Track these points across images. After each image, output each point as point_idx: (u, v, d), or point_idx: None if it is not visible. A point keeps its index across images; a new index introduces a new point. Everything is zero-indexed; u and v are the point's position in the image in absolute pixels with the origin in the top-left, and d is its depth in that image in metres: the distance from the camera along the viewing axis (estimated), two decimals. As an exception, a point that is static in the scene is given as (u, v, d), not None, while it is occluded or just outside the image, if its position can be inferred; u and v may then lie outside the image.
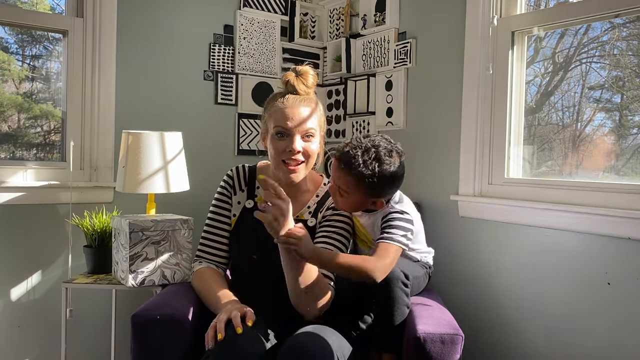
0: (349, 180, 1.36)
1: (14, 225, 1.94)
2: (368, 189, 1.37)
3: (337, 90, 2.55)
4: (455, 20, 1.97)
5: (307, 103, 1.44)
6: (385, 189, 1.40)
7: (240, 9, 2.40)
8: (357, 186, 1.36)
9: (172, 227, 1.68)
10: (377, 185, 1.36)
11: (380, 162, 1.35)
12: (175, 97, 2.25)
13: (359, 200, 1.41)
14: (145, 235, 1.62)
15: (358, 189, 1.37)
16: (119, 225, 1.68)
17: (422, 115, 2.14)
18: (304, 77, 1.46)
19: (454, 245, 1.99)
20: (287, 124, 1.40)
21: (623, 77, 1.67)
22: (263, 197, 1.32)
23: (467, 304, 1.92)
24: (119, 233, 1.68)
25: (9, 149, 2.08)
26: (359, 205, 1.44)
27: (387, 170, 1.36)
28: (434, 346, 1.27)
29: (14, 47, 2.13)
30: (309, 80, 1.47)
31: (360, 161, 1.34)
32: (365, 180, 1.34)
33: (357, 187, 1.37)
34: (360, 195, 1.39)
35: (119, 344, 2.02)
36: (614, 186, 1.55)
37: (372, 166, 1.34)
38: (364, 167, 1.34)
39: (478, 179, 1.91)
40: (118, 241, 1.70)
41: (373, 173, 1.34)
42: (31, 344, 1.99)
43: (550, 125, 1.90)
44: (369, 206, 1.45)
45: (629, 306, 1.47)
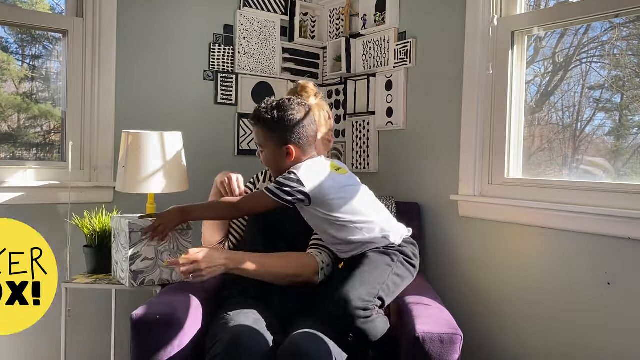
0: (258, 132, 1.47)
1: (14, 225, 1.94)
2: (273, 133, 1.44)
3: (337, 90, 2.55)
4: (455, 20, 1.97)
5: None
6: (288, 132, 1.43)
7: (240, 9, 2.40)
8: (265, 135, 1.46)
9: None
10: (284, 128, 1.43)
11: (280, 108, 1.44)
12: (175, 97, 2.25)
13: (273, 152, 1.46)
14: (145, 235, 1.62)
15: (267, 138, 1.46)
16: (118, 225, 1.66)
17: (422, 115, 2.14)
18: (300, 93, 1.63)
19: (453, 245, 1.99)
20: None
21: (623, 77, 1.67)
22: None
23: (466, 303, 1.92)
24: (118, 233, 1.68)
25: (8, 149, 2.08)
26: (276, 157, 1.47)
27: (288, 115, 1.44)
28: (433, 346, 1.27)
29: (14, 47, 2.13)
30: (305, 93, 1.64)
31: (264, 111, 1.45)
32: (268, 126, 1.44)
33: (265, 137, 1.46)
34: (271, 143, 1.46)
35: (118, 344, 2.02)
36: (614, 186, 1.55)
37: (272, 113, 1.44)
38: (265, 114, 1.44)
39: (478, 179, 1.90)
40: (118, 241, 1.69)
41: (273, 117, 1.43)
42: (31, 344, 1.98)
43: (550, 125, 1.90)
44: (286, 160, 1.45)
45: (629, 306, 1.47)
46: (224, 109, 2.38)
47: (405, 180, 2.15)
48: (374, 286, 1.36)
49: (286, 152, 1.44)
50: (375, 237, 1.44)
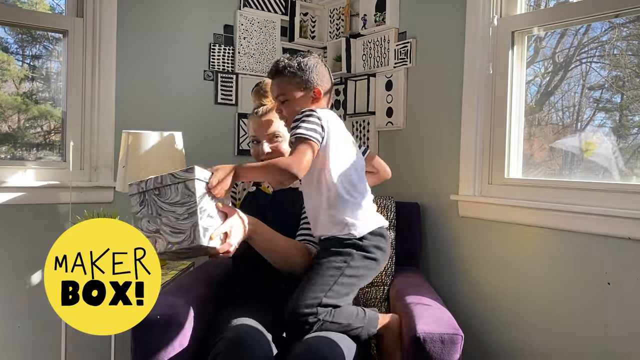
0: (282, 82, 1.46)
1: (14, 225, 1.94)
2: (300, 79, 1.44)
3: (337, 90, 2.55)
4: (455, 20, 1.97)
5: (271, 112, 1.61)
6: (313, 75, 1.46)
7: (240, 9, 2.40)
8: (290, 82, 1.45)
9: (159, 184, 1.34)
10: (306, 71, 1.45)
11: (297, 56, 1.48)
12: (175, 97, 2.25)
13: (299, 98, 1.45)
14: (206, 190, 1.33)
15: (293, 85, 1.45)
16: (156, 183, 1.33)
17: (422, 115, 2.14)
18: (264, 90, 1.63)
19: (454, 245, 1.99)
20: (255, 133, 1.62)
21: (623, 77, 1.67)
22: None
23: (466, 303, 1.92)
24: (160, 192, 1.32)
25: (8, 149, 2.08)
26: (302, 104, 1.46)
27: (309, 60, 1.47)
28: (434, 346, 1.27)
29: (14, 47, 2.13)
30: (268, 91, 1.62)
31: (284, 60, 1.47)
32: (295, 72, 1.44)
33: (290, 84, 1.45)
34: (297, 90, 1.45)
35: (119, 344, 2.02)
36: (614, 186, 1.55)
37: (294, 60, 1.46)
38: (288, 61, 1.46)
39: (478, 179, 1.91)
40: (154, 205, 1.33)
41: (298, 63, 1.45)
42: (31, 344, 1.99)
43: (550, 125, 1.90)
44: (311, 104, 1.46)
45: (629, 306, 1.47)
46: (224, 109, 2.38)
47: (405, 181, 2.15)
48: (317, 294, 1.33)
49: (312, 96, 1.46)
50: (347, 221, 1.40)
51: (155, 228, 1.31)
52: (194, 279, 1.69)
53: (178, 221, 1.30)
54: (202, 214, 1.28)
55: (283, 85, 1.45)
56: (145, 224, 1.32)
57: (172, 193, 1.31)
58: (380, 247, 1.43)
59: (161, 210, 1.31)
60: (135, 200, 1.33)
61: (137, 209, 1.33)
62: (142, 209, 1.33)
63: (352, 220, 1.40)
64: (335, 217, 1.41)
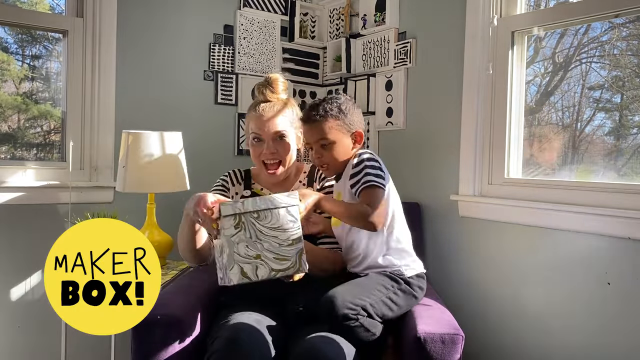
0: (323, 126, 1.44)
1: (14, 225, 1.94)
2: (342, 122, 1.45)
3: (337, 91, 2.55)
4: (455, 20, 1.97)
5: (276, 108, 1.57)
6: (354, 115, 1.47)
7: (240, 9, 2.40)
8: (332, 127, 1.44)
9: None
10: (347, 114, 1.45)
11: (335, 99, 1.48)
12: (175, 97, 2.25)
13: (342, 141, 1.46)
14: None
15: (336, 129, 1.44)
16: (256, 205, 1.26)
17: (422, 115, 2.14)
18: (272, 85, 1.58)
19: (454, 245, 1.99)
20: (259, 131, 1.55)
21: (623, 77, 1.67)
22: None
23: (467, 303, 1.92)
24: (259, 216, 1.27)
25: (8, 149, 2.08)
26: (346, 147, 1.47)
27: (347, 102, 1.48)
28: (435, 346, 1.27)
29: (14, 47, 2.13)
30: (277, 87, 1.59)
31: (323, 104, 1.46)
32: (337, 115, 1.44)
33: (333, 128, 1.44)
34: (340, 132, 1.45)
35: (119, 344, 2.02)
36: (614, 186, 1.55)
37: (332, 102, 1.46)
38: (328, 105, 1.45)
39: (478, 179, 1.91)
40: (252, 229, 1.26)
41: (338, 106, 1.45)
42: (31, 344, 1.98)
43: (550, 125, 1.90)
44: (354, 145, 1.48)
45: (629, 306, 1.47)
46: (224, 109, 2.38)
47: (405, 181, 2.15)
48: (364, 299, 1.34)
49: (353, 138, 1.47)
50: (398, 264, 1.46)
51: (256, 254, 1.26)
52: (194, 279, 1.69)
53: (281, 247, 1.27)
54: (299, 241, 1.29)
55: (325, 129, 1.43)
56: (244, 249, 1.25)
57: (272, 217, 1.27)
58: (423, 288, 1.50)
59: (261, 234, 1.26)
60: (229, 223, 1.24)
61: (232, 232, 1.24)
62: (238, 232, 1.25)
63: (404, 263, 1.46)
64: (390, 261, 1.45)
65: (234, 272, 1.23)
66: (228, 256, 1.23)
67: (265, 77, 1.61)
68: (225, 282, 1.26)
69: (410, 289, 1.45)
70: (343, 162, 1.47)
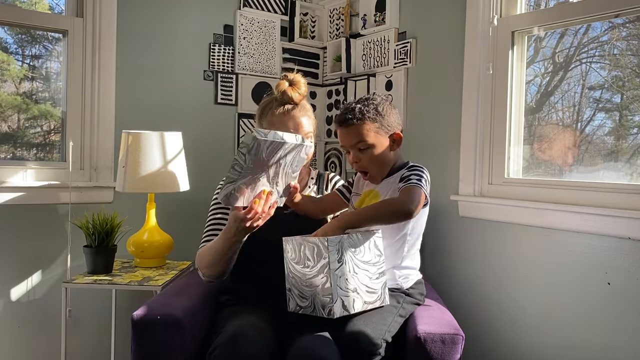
0: (360, 129, 1.38)
1: (14, 225, 1.94)
2: (380, 124, 1.39)
3: (337, 90, 2.55)
4: (455, 20, 1.97)
5: (304, 111, 1.55)
6: (391, 116, 1.42)
7: (240, 9, 2.40)
8: (372, 128, 1.39)
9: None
10: (385, 116, 1.40)
11: (371, 100, 1.42)
12: (175, 97, 2.25)
13: (380, 142, 1.40)
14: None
15: (373, 132, 1.39)
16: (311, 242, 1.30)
17: (422, 115, 2.14)
18: (297, 86, 1.54)
19: (454, 245, 1.99)
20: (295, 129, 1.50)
21: (623, 77, 1.67)
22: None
23: (467, 303, 1.92)
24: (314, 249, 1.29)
25: (8, 149, 2.08)
26: (385, 150, 1.42)
27: (383, 102, 1.42)
28: (435, 346, 1.27)
29: (14, 47, 2.13)
30: (302, 88, 1.55)
31: (357, 106, 1.39)
32: (374, 117, 1.39)
33: (371, 130, 1.38)
34: (378, 135, 1.40)
35: (119, 344, 2.02)
36: (614, 186, 1.55)
37: (369, 104, 1.40)
38: (364, 107, 1.39)
39: (478, 179, 1.91)
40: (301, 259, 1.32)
41: (375, 107, 1.39)
42: (31, 344, 1.98)
43: (550, 125, 1.90)
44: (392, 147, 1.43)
45: (629, 306, 1.47)
46: (224, 109, 2.38)
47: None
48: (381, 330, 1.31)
49: (392, 140, 1.42)
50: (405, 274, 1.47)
51: (354, 287, 1.29)
52: (194, 279, 1.69)
53: (371, 280, 1.32)
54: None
55: (362, 132, 1.37)
56: (344, 282, 1.27)
57: (364, 251, 1.32)
58: (423, 292, 1.52)
59: (357, 268, 1.30)
60: (334, 256, 1.26)
61: (336, 266, 1.26)
62: (341, 266, 1.27)
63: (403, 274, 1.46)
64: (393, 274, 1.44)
65: (337, 306, 1.25)
66: (325, 289, 1.26)
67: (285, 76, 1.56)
68: (323, 314, 1.28)
69: (412, 298, 1.46)
70: (383, 166, 1.43)
